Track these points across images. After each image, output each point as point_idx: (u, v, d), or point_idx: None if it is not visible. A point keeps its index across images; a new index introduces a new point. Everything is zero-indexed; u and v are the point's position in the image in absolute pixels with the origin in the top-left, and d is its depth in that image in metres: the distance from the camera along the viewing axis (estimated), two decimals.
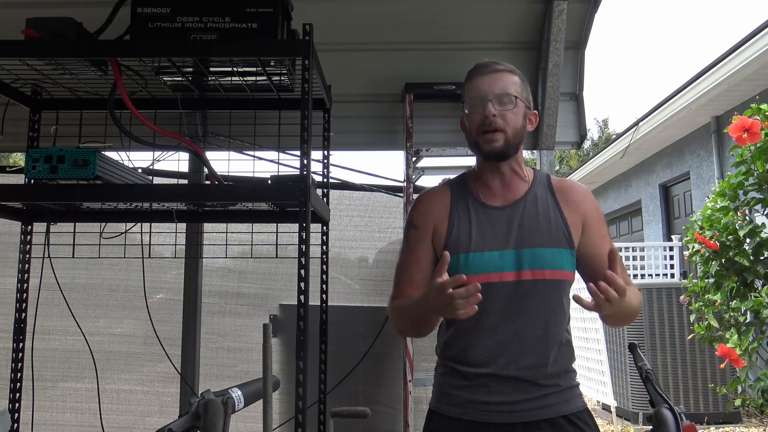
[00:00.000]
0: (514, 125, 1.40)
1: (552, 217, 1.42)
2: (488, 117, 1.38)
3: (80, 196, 1.76)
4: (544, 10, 2.33)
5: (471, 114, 1.43)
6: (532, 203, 1.43)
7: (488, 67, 1.44)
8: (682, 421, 1.26)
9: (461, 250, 1.40)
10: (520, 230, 1.40)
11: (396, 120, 2.60)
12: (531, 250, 1.37)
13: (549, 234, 1.40)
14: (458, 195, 1.49)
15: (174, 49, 1.75)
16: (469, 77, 1.46)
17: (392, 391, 2.61)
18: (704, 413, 5.25)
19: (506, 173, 1.45)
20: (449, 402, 1.41)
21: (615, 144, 9.51)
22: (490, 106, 1.38)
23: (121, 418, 2.81)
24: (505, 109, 1.39)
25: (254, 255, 2.49)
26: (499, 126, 1.38)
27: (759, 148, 3.14)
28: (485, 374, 1.37)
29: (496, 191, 1.46)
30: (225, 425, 1.12)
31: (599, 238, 1.44)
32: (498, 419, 1.35)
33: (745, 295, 3.35)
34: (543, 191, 1.46)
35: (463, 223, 1.43)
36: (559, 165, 23.96)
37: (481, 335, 1.38)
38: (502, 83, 1.41)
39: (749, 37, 5.73)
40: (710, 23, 58.43)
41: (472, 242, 1.40)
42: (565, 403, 1.38)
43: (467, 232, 1.41)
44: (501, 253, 1.38)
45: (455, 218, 1.44)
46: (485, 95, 1.40)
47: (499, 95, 1.39)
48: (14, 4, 2.21)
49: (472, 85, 1.44)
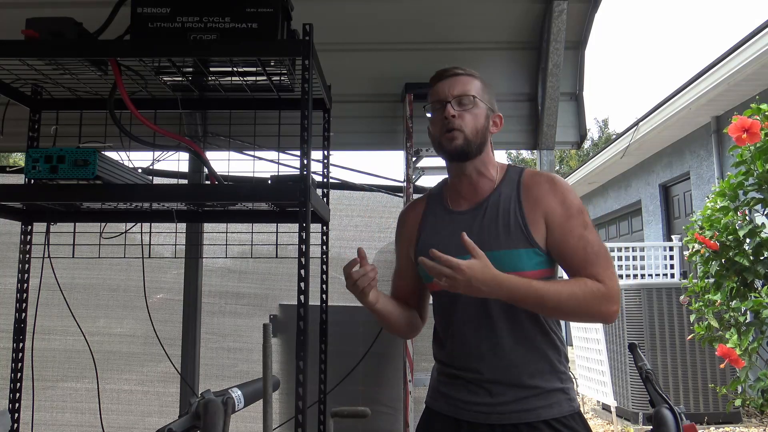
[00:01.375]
0: (474, 125, 1.43)
1: (511, 216, 1.40)
2: (447, 117, 1.41)
3: (80, 196, 1.76)
4: (544, 10, 2.33)
5: (433, 117, 1.47)
6: (494, 204, 1.43)
7: (448, 72, 1.48)
8: (682, 421, 1.26)
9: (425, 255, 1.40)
10: (479, 233, 1.39)
11: (396, 120, 2.60)
12: (490, 254, 1.32)
13: (507, 235, 1.38)
14: (431, 204, 1.56)
15: (174, 49, 1.75)
16: (431, 83, 1.51)
17: (392, 391, 2.61)
18: (704, 413, 5.26)
19: (472, 175, 1.47)
20: (439, 398, 1.47)
21: (615, 144, 9.51)
22: (449, 107, 1.42)
23: (121, 418, 2.81)
24: (464, 110, 1.43)
25: (254, 255, 2.49)
26: (458, 126, 1.41)
27: (759, 148, 3.14)
28: (463, 377, 1.42)
29: (464, 195, 1.49)
30: (225, 425, 1.12)
31: (564, 235, 1.37)
32: (477, 419, 1.38)
33: (745, 295, 3.35)
34: (509, 189, 1.44)
35: (429, 232, 1.50)
36: (559, 165, 23.96)
37: (455, 340, 1.44)
38: (461, 85, 1.45)
39: (749, 37, 5.73)
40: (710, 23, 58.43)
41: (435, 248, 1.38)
42: (547, 408, 1.36)
43: (429, 240, 1.46)
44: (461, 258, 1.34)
45: (422, 228, 1.52)
46: (444, 97, 1.44)
47: (457, 96, 1.43)
48: (14, 4, 2.21)
49: (434, 90, 1.48)
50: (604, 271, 1.35)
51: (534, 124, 2.53)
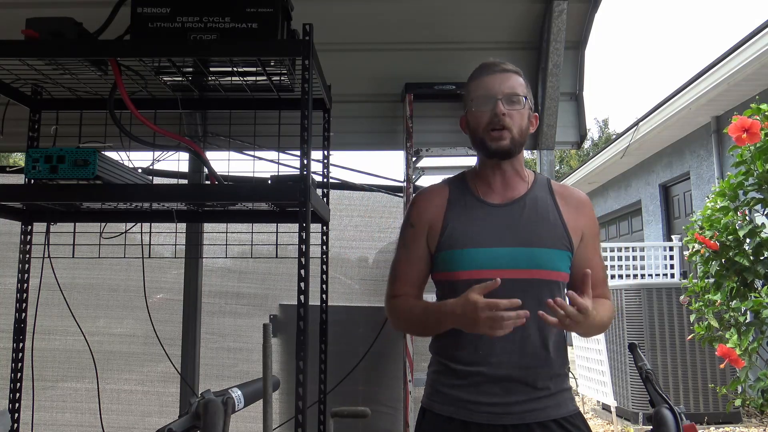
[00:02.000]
0: (520, 125, 1.41)
1: (551, 218, 1.42)
2: (498, 115, 1.38)
3: (80, 196, 1.76)
4: (544, 10, 2.33)
5: (478, 112, 1.42)
6: (532, 203, 1.44)
7: (497, 66, 1.44)
8: (682, 421, 1.26)
9: (455, 247, 1.40)
10: (518, 229, 1.39)
11: (396, 120, 2.60)
12: (530, 250, 1.36)
13: (548, 234, 1.40)
14: (456, 192, 1.49)
15: (174, 49, 1.75)
16: (476, 75, 1.46)
17: (392, 391, 2.61)
18: (704, 413, 5.25)
19: (508, 172, 1.46)
20: (441, 400, 1.41)
21: (615, 144, 9.51)
22: (500, 104, 1.39)
23: (121, 418, 2.81)
24: (513, 109, 1.40)
25: (254, 255, 2.49)
26: (508, 125, 1.39)
27: (759, 148, 3.14)
28: (477, 373, 1.37)
29: (496, 189, 1.46)
30: (225, 425, 1.12)
31: (593, 252, 1.47)
32: (489, 420, 1.35)
33: (745, 295, 3.35)
34: (543, 193, 1.47)
35: (458, 220, 1.43)
36: (559, 165, 23.95)
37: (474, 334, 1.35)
38: (511, 83, 1.42)
39: (749, 37, 5.74)
40: (710, 23, 58.41)
41: (468, 237, 1.39)
42: (556, 407, 1.38)
43: (464, 228, 1.42)
44: (497, 250, 1.37)
45: (451, 216, 1.45)
46: (495, 94, 1.40)
47: (508, 94, 1.40)
48: (14, 4, 2.21)
49: (480, 84, 1.43)
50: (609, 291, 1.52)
51: None
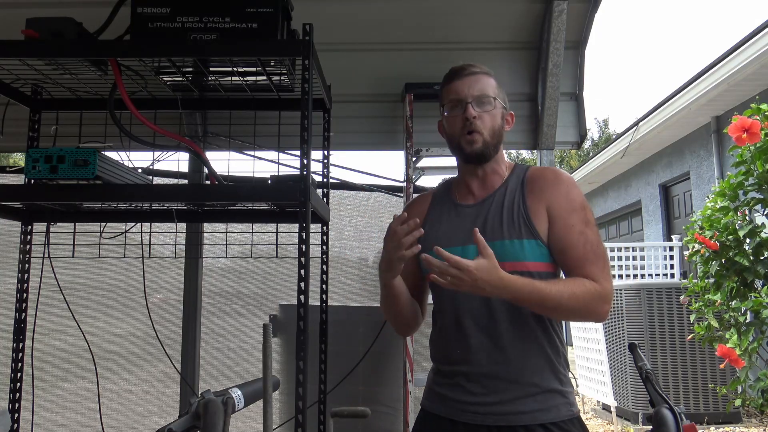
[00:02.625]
0: (492, 126, 1.43)
1: (515, 208, 1.41)
2: (468, 119, 1.41)
3: (80, 196, 1.76)
4: (544, 10, 2.33)
5: (450, 117, 1.45)
6: (500, 197, 1.45)
7: (465, 70, 1.46)
8: (682, 421, 1.26)
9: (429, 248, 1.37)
10: (483, 224, 1.41)
11: (396, 120, 2.60)
12: (491, 243, 1.31)
13: (510, 225, 1.38)
14: (438, 199, 1.55)
15: (174, 49, 1.75)
16: (446, 81, 1.48)
17: (392, 391, 2.61)
18: (704, 413, 5.26)
19: (487, 172, 1.48)
20: (433, 399, 1.46)
21: (615, 144, 9.51)
22: (470, 108, 1.41)
23: (121, 418, 2.81)
24: (484, 111, 1.42)
25: (254, 255, 2.49)
26: (478, 128, 1.41)
27: (759, 148, 3.14)
28: (461, 372, 1.39)
29: (474, 191, 1.49)
30: (225, 425, 1.12)
31: (565, 228, 1.37)
32: (473, 420, 1.35)
33: (745, 295, 3.35)
34: (515, 183, 1.46)
35: (434, 224, 1.49)
36: (560, 165, 23.96)
37: (456, 333, 1.41)
38: (480, 85, 1.44)
39: (749, 37, 5.74)
40: (710, 23, 58.42)
41: (439, 239, 1.41)
42: (545, 411, 1.33)
43: (437, 231, 1.47)
44: (463, 248, 1.37)
45: (428, 220, 1.50)
46: (464, 97, 1.42)
47: (477, 97, 1.42)
48: (14, 4, 2.21)
49: (450, 89, 1.46)
50: (600, 271, 1.35)
51: (534, 124, 2.53)
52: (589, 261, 1.35)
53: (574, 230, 1.37)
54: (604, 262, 1.38)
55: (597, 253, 1.37)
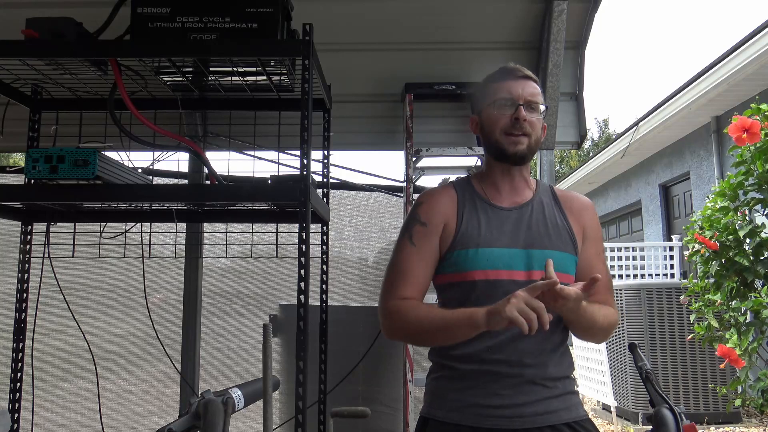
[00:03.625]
0: (536, 133, 1.42)
1: (558, 222, 1.44)
2: (519, 120, 1.38)
3: (80, 196, 1.76)
4: (544, 10, 2.33)
5: (499, 114, 1.41)
6: (539, 208, 1.45)
7: (519, 72, 1.44)
8: (682, 421, 1.26)
9: (471, 245, 1.37)
10: (528, 231, 1.40)
11: (396, 120, 2.60)
12: (541, 251, 1.37)
13: (558, 237, 1.41)
14: (464, 193, 1.47)
15: (174, 49, 1.75)
16: (497, 78, 1.45)
17: (392, 391, 2.61)
18: (704, 413, 5.25)
19: (516, 178, 1.46)
20: (446, 407, 1.36)
21: (615, 144, 9.51)
22: (522, 109, 1.39)
23: (121, 418, 2.81)
24: (533, 116, 1.41)
25: (254, 255, 2.49)
26: (527, 131, 1.40)
27: (759, 148, 3.14)
28: (485, 372, 1.32)
29: (503, 193, 1.46)
30: (225, 425, 1.12)
31: (595, 255, 1.46)
32: (500, 425, 1.30)
33: (745, 295, 3.35)
34: (548, 199, 1.48)
35: (472, 219, 1.41)
36: (559, 165, 23.95)
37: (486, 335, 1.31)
38: (532, 89, 1.43)
39: (749, 37, 5.73)
40: (710, 23, 58.44)
41: (482, 237, 1.38)
42: (567, 411, 1.36)
43: (477, 228, 1.40)
44: (511, 250, 1.37)
45: (464, 214, 1.42)
46: (517, 98, 1.40)
47: (530, 101, 1.41)
48: (14, 4, 2.21)
49: (502, 87, 1.42)
50: (612, 299, 1.48)
51: None
52: (608, 290, 1.46)
53: (601, 258, 1.47)
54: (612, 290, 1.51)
55: (610, 282, 1.50)
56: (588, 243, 1.45)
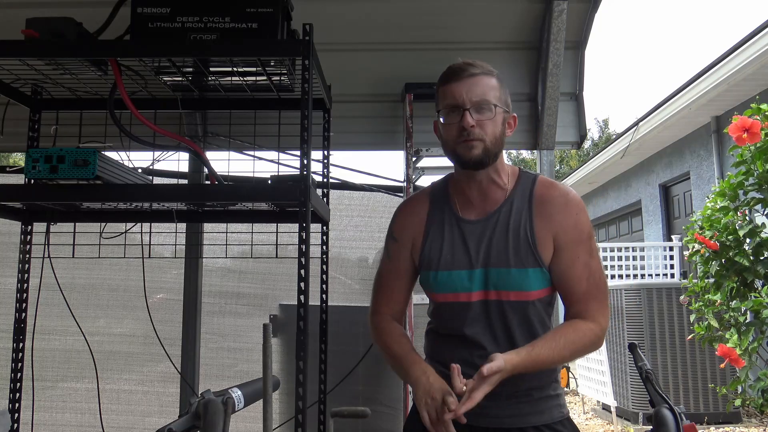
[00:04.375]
0: (493, 133, 1.32)
1: (522, 233, 1.35)
2: (466, 128, 1.30)
3: (80, 196, 1.76)
4: (544, 10, 2.33)
5: (447, 124, 1.35)
6: (505, 217, 1.37)
7: (464, 71, 1.34)
8: (682, 421, 1.26)
9: (432, 268, 1.40)
10: (488, 248, 1.36)
11: (396, 120, 2.60)
12: (496, 270, 1.33)
13: (516, 253, 1.34)
14: (436, 206, 1.45)
15: (174, 49, 1.75)
16: (443, 81, 1.36)
17: (392, 391, 2.61)
18: (704, 413, 5.25)
19: (483, 182, 1.39)
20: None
21: (615, 144, 9.51)
22: (468, 116, 1.30)
23: (121, 418, 2.81)
24: (483, 118, 1.31)
25: (254, 255, 2.49)
26: (478, 136, 1.31)
27: (759, 148, 3.14)
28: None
29: (473, 201, 1.41)
30: (225, 425, 1.12)
31: (571, 260, 1.34)
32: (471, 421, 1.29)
33: (745, 295, 3.35)
34: (521, 201, 1.38)
35: (436, 239, 1.41)
36: (559, 165, 23.95)
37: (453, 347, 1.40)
38: (480, 89, 1.32)
39: (749, 37, 5.73)
40: (710, 23, 58.44)
41: (441, 260, 1.39)
42: (538, 414, 1.37)
43: (438, 250, 1.40)
44: (469, 272, 1.36)
45: (429, 233, 1.43)
46: (462, 103, 1.31)
47: (476, 103, 1.31)
48: (14, 4, 2.21)
49: (447, 92, 1.34)
50: (600, 307, 1.36)
51: (534, 124, 2.53)
52: (591, 296, 1.35)
53: (579, 262, 1.35)
54: (604, 295, 1.39)
55: (599, 287, 1.37)
56: (560, 250, 1.35)
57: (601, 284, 1.38)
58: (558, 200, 1.37)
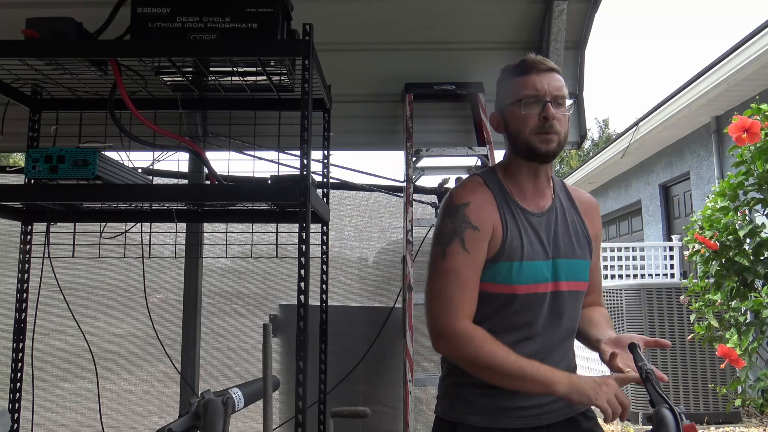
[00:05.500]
0: (566, 128, 1.35)
1: (578, 228, 1.43)
2: (549, 119, 1.30)
3: (80, 196, 1.77)
4: (544, 10, 2.33)
5: (527, 114, 1.32)
6: (561, 212, 1.42)
7: (543, 65, 1.35)
8: (682, 421, 1.26)
9: (515, 258, 1.33)
10: (555, 240, 1.38)
11: (396, 120, 2.60)
12: (566, 261, 1.37)
13: (579, 245, 1.41)
14: (500, 197, 1.39)
15: (174, 49, 1.75)
16: (521, 72, 1.35)
17: (392, 391, 2.60)
18: (704, 413, 5.25)
19: (541, 177, 1.40)
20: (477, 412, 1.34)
21: (615, 144, 9.51)
22: (550, 107, 1.31)
23: (121, 418, 2.81)
24: (560, 112, 1.33)
25: (254, 255, 2.50)
26: (557, 129, 1.31)
27: (759, 148, 3.14)
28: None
29: (528, 194, 1.40)
30: (225, 425, 1.12)
31: (596, 257, 1.48)
32: (529, 423, 1.34)
33: (745, 295, 3.35)
34: (565, 200, 1.46)
35: (513, 228, 1.35)
36: (559, 165, 23.94)
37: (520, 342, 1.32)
38: (559, 83, 1.35)
39: (749, 37, 5.73)
40: (710, 23, 58.47)
41: (525, 250, 1.34)
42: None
43: (519, 239, 1.34)
44: (545, 263, 1.36)
45: (506, 221, 1.36)
46: (544, 95, 1.32)
47: (556, 96, 1.33)
48: (14, 4, 2.21)
49: (527, 82, 1.33)
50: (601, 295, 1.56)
51: None
52: (600, 286, 1.55)
53: (599, 259, 1.51)
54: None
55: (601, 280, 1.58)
56: (595, 248, 1.46)
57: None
58: (592, 203, 1.52)
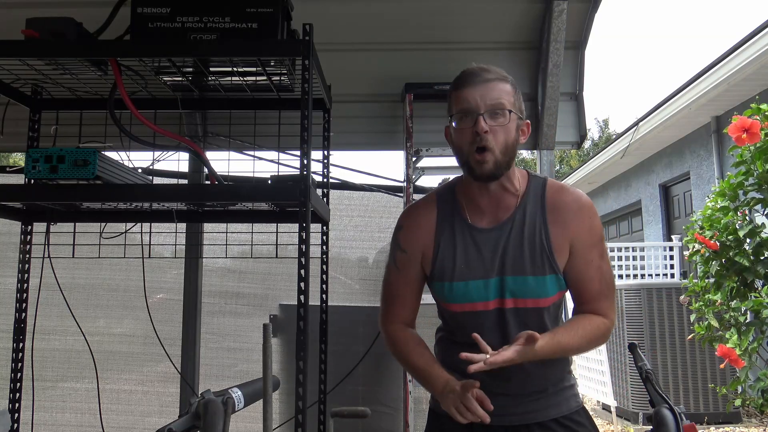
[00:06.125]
0: (505, 142, 1.31)
1: (537, 240, 1.35)
2: (479, 134, 1.28)
3: (80, 196, 1.76)
4: (544, 10, 2.33)
5: (459, 129, 1.33)
6: (519, 224, 1.36)
7: (478, 76, 1.32)
8: (682, 421, 1.26)
9: (446, 279, 1.38)
10: (504, 256, 1.35)
11: (396, 120, 2.60)
12: (513, 278, 1.33)
13: (532, 261, 1.34)
14: (445, 213, 1.42)
15: (174, 49, 1.75)
16: (457, 86, 1.34)
17: (392, 391, 2.61)
18: (704, 413, 5.25)
19: (495, 191, 1.37)
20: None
21: (615, 144, 9.51)
22: (482, 121, 1.28)
23: (121, 418, 2.81)
24: (497, 124, 1.29)
25: (254, 255, 2.49)
26: (490, 145, 1.29)
27: (759, 148, 3.14)
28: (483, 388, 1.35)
29: (484, 209, 1.39)
30: (225, 425, 1.12)
31: (585, 264, 1.36)
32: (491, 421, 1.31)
33: (745, 295, 3.35)
34: (533, 207, 1.38)
35: (448, 248, 1.38)
36: (560, 165, 23.95)
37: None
38: (494, 93, 1.30)
39: (749, 37, 5.73)
40: (710, 23, 58.46)
41: (456, 270, 1.37)
42: (556, 407, 1.40)
43: (452, 259, 1.37)
44: (485, 282, 1.35)
45: (440, 242, 1.39)
46: (476, 108, 1.29)
47: (491, 107, 1.29)
48: (14, 4, 2.21)
49: (461, 96, 1.32)
50: (610, 305, 1.40)
51: (534, 124, 2.53)
52: (603, 295, 1.39)
53: (593, 265, 1.37)
54: (613, 293, 1.42)
55: (609, 287, 1.40)
56: (576, 251, 1.36)
57: (611, 284, 1.41)
58: (571, 206, 1.37)
